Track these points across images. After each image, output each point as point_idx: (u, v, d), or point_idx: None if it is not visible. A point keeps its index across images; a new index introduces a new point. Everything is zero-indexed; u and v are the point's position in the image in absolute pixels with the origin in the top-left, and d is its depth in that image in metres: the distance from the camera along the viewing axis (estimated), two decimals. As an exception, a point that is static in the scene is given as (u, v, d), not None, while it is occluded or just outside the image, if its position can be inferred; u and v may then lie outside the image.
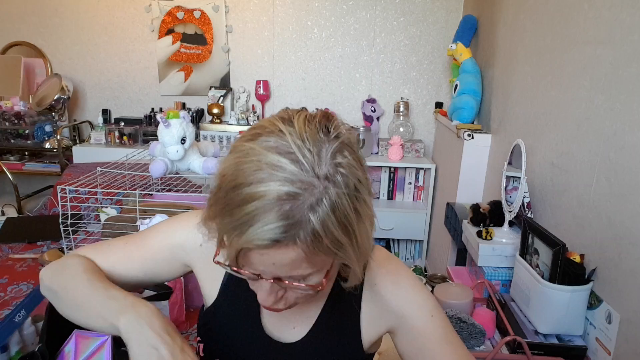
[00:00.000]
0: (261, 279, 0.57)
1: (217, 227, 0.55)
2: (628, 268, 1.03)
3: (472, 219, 1.63)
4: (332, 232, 0.51)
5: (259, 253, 0.52)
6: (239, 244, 0.51)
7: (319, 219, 0.50)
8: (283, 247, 0.51)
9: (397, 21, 2.98)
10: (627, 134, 1.07)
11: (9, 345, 1.14)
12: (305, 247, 0.51)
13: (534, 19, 1.69)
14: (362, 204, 0.54)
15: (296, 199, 0.49)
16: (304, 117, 0.55)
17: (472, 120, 2.28)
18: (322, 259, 0.54)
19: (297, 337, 0.73)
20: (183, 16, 3.08)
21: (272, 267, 0.54)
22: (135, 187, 1.96)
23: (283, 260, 0.52)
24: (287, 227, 0.49)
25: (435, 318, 0.70)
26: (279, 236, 0.50)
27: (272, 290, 0.58)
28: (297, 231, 0.50)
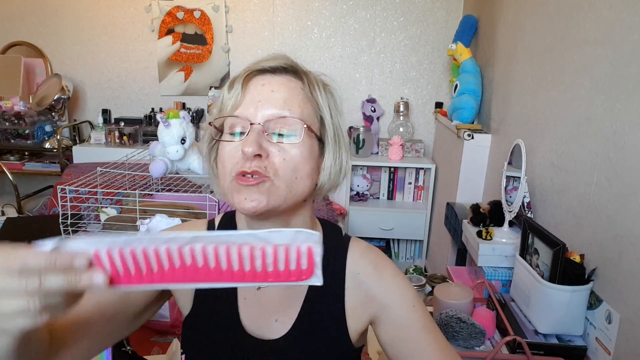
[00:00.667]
0: (251, 124, 0.63)
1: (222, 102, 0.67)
2: (628, 268, 1.03)
3: (472, 219, 1.63)
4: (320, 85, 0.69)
5: (261, 82, 0.66)
6: (246, 69, 0.66)
7: (311, 72, 0.70)
8: (287, 76, 0.67)
9: (397, 21, 2.98)
10: (627, 134, 1.07)
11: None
12: (305, 85, 0.67)
13: (534, 19, 1.69)
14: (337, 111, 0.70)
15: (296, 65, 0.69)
16: None
17: (472, 120, 2.28)
18: (309, 110, 0.67)
19: (280, 333, 0.71)
20: (183, 16, 3.08)
21: (268, 98, 0.64)
22: (135, 187, 1.96)
23: (281, 90, 0.65)
24: (290, 65, 0.67)
25: (417, 308, 0.72)
26: (287, 66, 0.67)
27: (257, 136, 0.62)
28: (297, 68, 0.68)
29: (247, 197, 0.62)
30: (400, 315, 0.71)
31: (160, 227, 1.57)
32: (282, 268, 0.46)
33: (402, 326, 0.71)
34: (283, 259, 0.45)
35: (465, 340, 1.15)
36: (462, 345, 1.16)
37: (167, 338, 1.74)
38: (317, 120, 0.68)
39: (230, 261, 0.45)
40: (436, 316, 1.21)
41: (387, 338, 0.72)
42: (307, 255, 0.45)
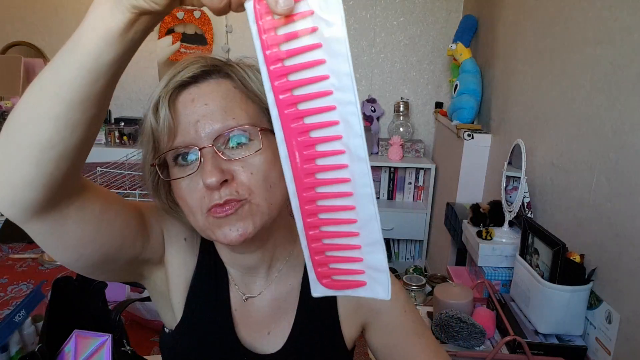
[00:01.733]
0: (201, 149, 0.55)
1: (147, 134, 0.58)
2: (628, 268, 1.03)
3: (472, 219, 1.63)
4: (249, 72, 0.59)
5: (190, 98, 0.56)
6: (169, 88, 0.56)
7: (235, 64, 0.60)
8: (213, 80, 0.58)
9: (397, 21, 2.98)
10: (627, 134, 1.07)
11: (9, 345, 1.14)
12: (237, 80, 0.58)
13: (534, 19, 1.69)
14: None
15: (215, 60, 0.60)
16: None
17: (472, 120, 2.28)
18: (253, 106, 0.59)
19: (276, 348, 0.68)
20: (183, 16, 3.08)
21: (205, 113, 0.55)
22: (135, 187, 1.96)
23: (215, 97, 0.56)
24: (212, 66, 0.58)
25: (408, 313, 0.71)
26: (209, 68, 0.58)
27: (214, 161, 0.54)
28: (221, 68, 0.59)
29: (231, 228, 0.56)
30: (391, 320, 0.70)
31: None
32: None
33: (393, 331, 0.70)
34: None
35: (465, 340, 1.15)
36: (462, 345, 1.16)
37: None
38: (264, 114, 0.59)
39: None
40: (436, 316, 1.21)
41: (378, 343, 0.72)
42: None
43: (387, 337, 0.70)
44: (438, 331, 1.18)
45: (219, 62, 0.60)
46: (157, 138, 0.57)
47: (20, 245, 2.24)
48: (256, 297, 0.69)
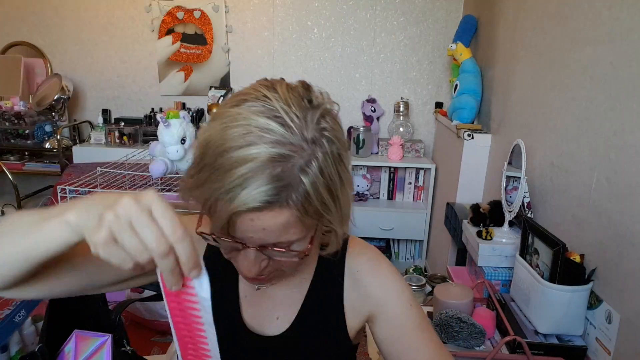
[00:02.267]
0: (246, 247, 0.56)
1: (202, 196, 0.53)
2: (628, 268, 1.03)
3: (472, 219, 1.63)
4: (321, 193, 0.52)
5: (249, 218, 0.52)
6: (231, 208, 0.50)
7: (309, 180, 0.51)
8: (275, 210, 0.51)
9: (397, 21, 2.98)
10: (627, 134, 1.07)
11: (9, 345, 1.14)
12: (296, 210, 0.52)
13: (534, 19, 1.69)
14: (344, 167, 0.55)
15: (287, 161, 0.50)
16: (285, 85, 0.56)
17: (472, 120, 2.28)
18: (309, 223, 0.55)
19: (281, 330, 0.72)
20: (183, 16, 3.08)
21: (261, 233, 0.53)
22: (135, 187, 1.96)
23: (273, 225, 0.53)
24: (280, 188, 0.50)
25: (413, 307, 0.72)
26: (272, 198, 0.50)
27: (257, 259, 0.57)
28: (289, 193, 0.51)
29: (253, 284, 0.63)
30: (396, 313, 0.72)
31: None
32: None
33: (398, 325, 0.71)
34: None
35: (465, 340, 1.15)
36: (462, 345, 1.16)
37: (167, 338, 1.74)
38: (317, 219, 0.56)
39: None
40: (436, 316, 1.21)
41: (382, 336, 0.73)
42: None
43: (391, 329, 0.72)
44: (438, 331, 1.18)
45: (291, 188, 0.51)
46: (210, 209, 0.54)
47: (20, 245, 2.24)
48: (269, 287, 0.73)
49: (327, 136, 0.53)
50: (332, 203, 0.54)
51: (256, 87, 0.55)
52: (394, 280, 0.73)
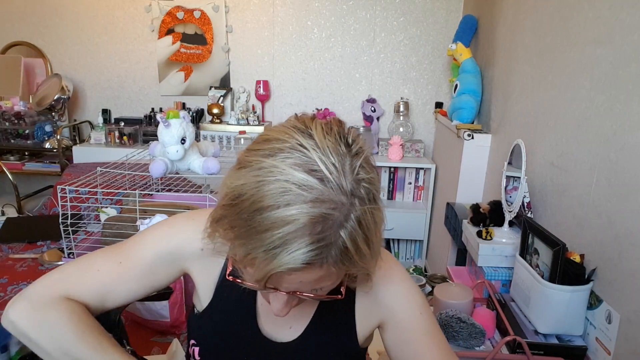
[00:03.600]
0: (279, 292, 0.57)
1: (239, 251, 0.52)
2: (628, 268, 1.03)
3: (472, 219, 1.63)
4: (359, 245, 0.52)
5: (287, 274, 0.52)
6: (270, 267, 0.50)
7: (348, 235, 0.51)
8: (315, 268, 0.52)
9: (397, 21, 2.98)
10: (627, 134, 1.07)
11: (9, 345, 1.14)
12: (334, 265, 0.52)
13: (534, 19, 1.69)
14: (378, 208, 0.55)
15: (326, 220, 0.49)
16: (320, 127, 0.54)
17: (472, 120, 2.28)
18: (344, 272, 0.56)
19: (294, 336, 0.73)
20: (183, 16, 3.08)
21: (296, 285, 0.55)
22: (135, 187, 1.96)
23: (310, 278, 0.53)
24: (320, 248, 0.50)
25: (424, 315, 0.73)
26: (312, 259, 0.50)
27: (288, 301, 0.59)
28: (329, 251, 0.50)
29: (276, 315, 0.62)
30: (406, 320, 0.72)
31: (160, 227, 1.57)
32: None
33: (408, 331, 0.72)
34: None
35: (465, 340, 1.15)
36: (462, 345, 1.16)
37: (167, 338, 1.74)
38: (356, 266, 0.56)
39: None
40: (436, 316, 1.21)
41: (392, 342, 0.74)
42: None
43: (401, 336, 0.73)
44: (438, 331, 1.18)
45: (327, 235, 0.50)
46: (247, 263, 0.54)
47: (20, 245, 2.24)
48: None
49: (364, 186, 0.53)
50: (368, 250, 0.54)
51: (289, 131, 0.54)
52: (406, 288, 0.74)
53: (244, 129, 2.90)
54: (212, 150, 1.96)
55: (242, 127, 2.95)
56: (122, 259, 0.71)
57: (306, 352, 0.73)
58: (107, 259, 0.72)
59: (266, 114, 3.20)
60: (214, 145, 2.01)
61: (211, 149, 1.96)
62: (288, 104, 3.18)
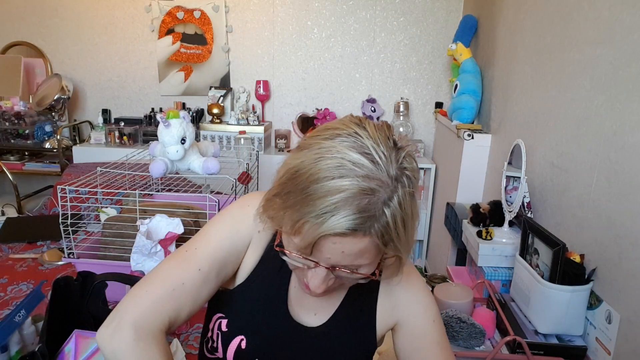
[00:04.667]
0: (318, 266, 0.61)
1: (291, 217, 0.58)
2: (628, 268, 1.03)
3: (472, 219, 1.63)
4: (398, 224, 0.58)
5: (332, 241, 0.57)
6: (319, 231, 0.56)
7: (390, 212, 0.57)
8: (358, 237, 0.57)
9: (397, 21, 2.98)
10: (627, 134, 1.07)
11: (9, 345, 1.14)
12: (376, 237, 0.58)
13: (534, 19, 1.69)
14: (416, 204, 0.61)
15: (373, 194, 0.56)
16: (373, 124, 0.62)
17: (472, 120, 2.28)
18: (381, 250, 0.60)
19: (318, 323, 0.77)
20: (183, 16, 3.08)
21: (339, 256, 0.59)
22: (135, 187, 1.96)
23: (352, 249, 0.58)
24: (365, 218, 0.56)
25: (436, 324, 0.77)
26: (357, 226, 0.56)
27: (326, 278, 0.63)
28: (372, 223, 0.57)
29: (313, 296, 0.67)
30: (419, 326, 0.76)
31: (160, 227, 1.57)
32: None
33: (420, 337, 0.76)
34: None
35: (465, 340, 1.15)
36: (462, 345, 1.16)
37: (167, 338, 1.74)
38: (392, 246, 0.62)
39: None
40: (436, 316, 1.21)
41: (403, 346, 0.78)
42: None
43: (412, 341, 0.77)
44: (438, 331, 1.18)
45: (373, 208, 0.56)
46: (296, 230, 0.59)
47: (20, 245, 2.24)
48: None
49: (407, 175, 0.59)
50: (404, 234, 0.60)
51: (347, 123, 0.61)
52: (424, 294, 0.78)
53: (244, 129, 2.90)
54: (212, 150, 1.96)
55: (242, 127, 2.95)
56: (200, 265, 0.72)
57: (328, 338, 0.76)
58: (185, 268, 0.71)
59: (266, 114, 3.20)
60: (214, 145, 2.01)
61: (211, 149, 1.96)
62: (288, 104, 3.18)
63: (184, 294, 0.70)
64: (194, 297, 0.71)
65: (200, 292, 0.72)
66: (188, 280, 0.70)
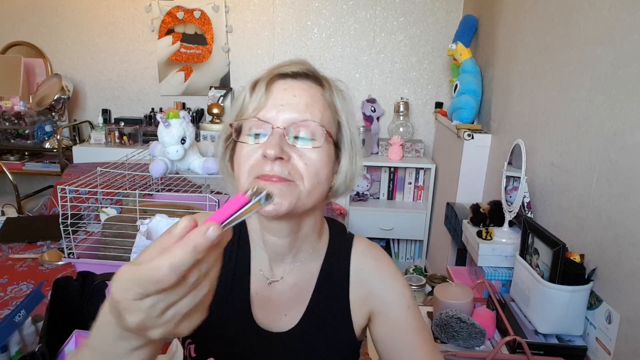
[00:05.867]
0: (274, 130, 0.64)
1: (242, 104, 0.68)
2: (628, 268, 1.03)
3: (472, 219, 1.63)
4: (339, 89, 0.71)
5: (283, 87, 0.67)
6: (268, 75, 0.67)
7: (330, 81, 0.71)
8: (307, 83, 0.68)
9: (397, 21, 2.98)
10: (627, 134, 1.07)
11: (9, 345, 1.14)
12: (322, 89, 0.69)
13: (534, 19, 1.69)
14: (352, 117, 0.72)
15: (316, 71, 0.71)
16: None
17: (472, 120, 2.28)
18: (328, 114, 0.68)
19: (289, 326, 0.74)
20: (183, 16, 3.08)
21: (291, 105, 0.65)
22: (135, 187, 1.96)
23: (302, 95, 0.66)
24: (310, 71, 0.69)
25: (411, 309, 0.75)
26: (303, 71, 0.68)
27: (280, 140, 0.63)
28: (316, 77, 0.70)
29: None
30: (395, 314, 0.74)
31: (160, 227, 1.57)
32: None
33: (396, 325, 0.74)
34: None
35: (465, 340, 1.15)
36: (462, 345, 1.16)
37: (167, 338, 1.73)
38: (334, 126, 0.70)
39: None
40: (436, 316, 1.21)
41: (380, 335, 0.75)
42: None
43: (389, 329, 0.75)
44: (438, 331, 1.18)
45: (318, 73, 0.71)
46: (244, 109, 0.68)
47: (20, 245, 2.24)
48: (279, 282, 0.75)
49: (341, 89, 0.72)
50: (343, 110, 0.70)
51: None
52: (397, 281, 0.76)
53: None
54: (212, 150, 1.96)
55: (242, 127, 2.94)
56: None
57: (303, 341, 0.73)
58: None
59: (266, 114, 3.20)
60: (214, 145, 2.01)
61: (211, 149, 1.96)
62: (288, 104, 3.17)
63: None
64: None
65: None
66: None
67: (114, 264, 1.66)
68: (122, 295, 0.39)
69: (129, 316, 0.39)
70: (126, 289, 0.38)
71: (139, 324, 0.40)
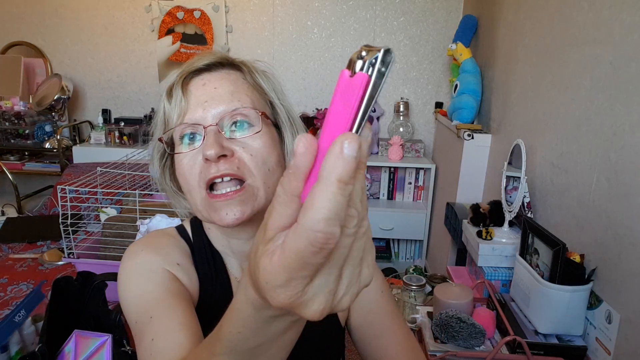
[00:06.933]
0: (206, 128, 0.60)
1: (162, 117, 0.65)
2: (628, 268, 1.03)
3: (472, 219, 1.63)
4: (259, 73, 0.67)
5: (202, 82, 0.63)
6: (183, 73, 0.63)
7: (246, 60, 0.68)
8: (223, 71, 0.65)
9: (397, 21, 2.98)
10: (627, 134, 1.07)
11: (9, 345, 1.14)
12: (241, 74, 0.65)
13: (534, 19, 1.69)
14: (282, 94, 0.69)
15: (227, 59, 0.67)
16: None
17: (472, 120, 2.28)
18: (256, 96, 0.65)
19: None
20: (183, 16, 3.08)
21: (215, 99, 0.61)
22: (135, 187, 1.96)
23: (223, 85, 0.63)
24: (223, 58, 0.65)
25: (385, 294, 0.75)
26: (217, 59, 0.65)
27: (216, 137, 0.59)
28: (232, 60, 0.67)
29: (228, 212, 0.59)
30: (368, 299, 0.74)
31: (160, 227, 1.57)
32: None
33: (370, 310, 0.74)
34: None
35: (465, 340, 1.15)
36: (462, 345, 1.16)
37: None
38: (267, 106, 0.67)
39: None
40: (436, 316, 1.21)
41: (356, 321, 0.75)
42: None
43: (363, 315, 0.74)
44: (438, 331, 1.18)
45: (233, 59, 0.67)
46: (168, 118, 0.64)
47: (20, 245, 2.24)
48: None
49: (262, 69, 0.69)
50: (271, 89, 0.67)
51: None
52: None
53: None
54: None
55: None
56: (151, 314, 0.62)
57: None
58: (145, 328, 0.62)
59: (266, 114, 3.20)
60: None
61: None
62: (288, 104, 3.17)
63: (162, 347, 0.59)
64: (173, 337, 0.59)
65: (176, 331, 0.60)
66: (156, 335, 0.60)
67: (114, 264, 1.66)
68: (288, 295, 0.29)
69: (309, 308, 0.30)
70: (286, 284, 0.28)
71: (324, 307, 0.31)
